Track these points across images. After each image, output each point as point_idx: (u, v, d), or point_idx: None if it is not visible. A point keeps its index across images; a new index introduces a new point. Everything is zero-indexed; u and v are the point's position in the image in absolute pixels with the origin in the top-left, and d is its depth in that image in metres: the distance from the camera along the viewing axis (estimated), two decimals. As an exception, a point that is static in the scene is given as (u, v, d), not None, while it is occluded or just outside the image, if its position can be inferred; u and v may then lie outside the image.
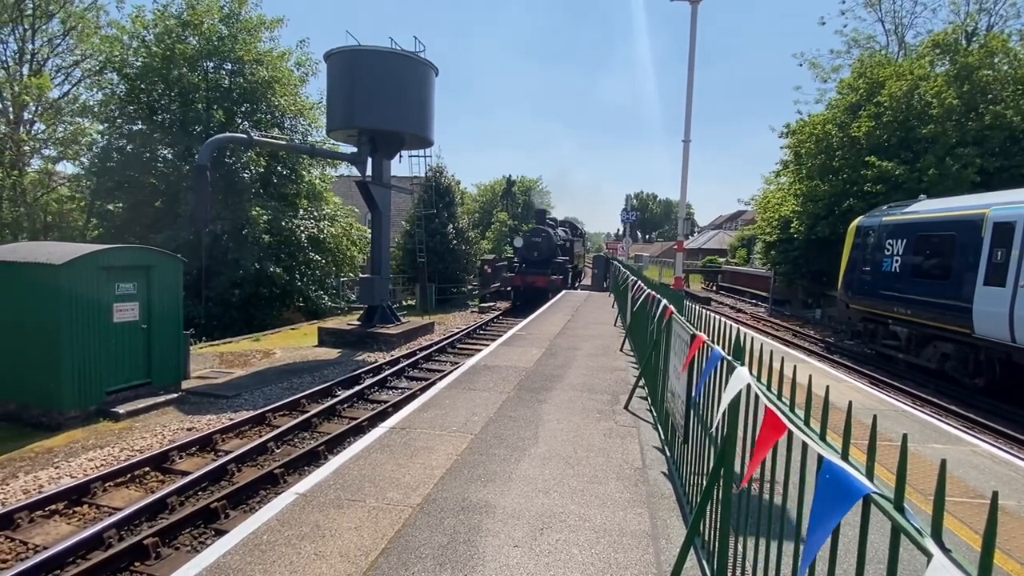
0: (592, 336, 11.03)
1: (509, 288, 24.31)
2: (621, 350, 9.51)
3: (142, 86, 20.00)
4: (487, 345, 10.69)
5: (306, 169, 22.96)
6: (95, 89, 22.33)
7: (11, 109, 22.83)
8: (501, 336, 11.01)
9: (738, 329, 2.86)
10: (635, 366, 8.21)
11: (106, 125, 21.27)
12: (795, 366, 2.22)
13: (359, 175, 15.81)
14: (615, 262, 22.02)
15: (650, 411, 6.02)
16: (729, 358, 2.75)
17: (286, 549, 3.21)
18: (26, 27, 23.34)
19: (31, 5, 22.99)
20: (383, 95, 14.77)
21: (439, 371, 11.80)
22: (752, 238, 37.07)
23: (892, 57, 24.44)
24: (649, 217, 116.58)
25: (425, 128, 16.26)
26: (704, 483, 3.17)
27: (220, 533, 5.18)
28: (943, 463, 1.17)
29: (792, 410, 2.00)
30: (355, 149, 15.91)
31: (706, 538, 3.02)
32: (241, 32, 20.64)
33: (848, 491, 1.36)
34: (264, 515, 3.60)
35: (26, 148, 23.02)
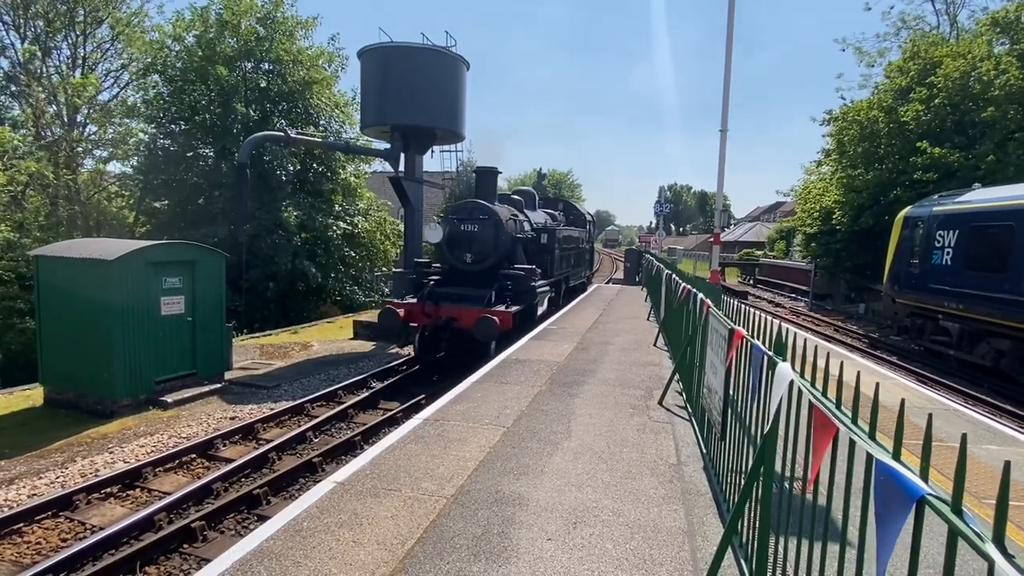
0: (625, 330, 10.91)
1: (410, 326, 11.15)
2: (655, 345, 9.37)
3: (183, 87, 20.73)
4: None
5: (341, 166, 23.40)
6: (140, 91, 23.26)
7: (65, 112, 24.01)
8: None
9: (779, 324, 2.77)
10: (669, 361, 8.09)
11: (151, 125, 22.14)
12: (842, 363, 2.14)
13: (391, 171, 16.02)
14: (648, 255, 21.65)
15: (685, 407, 5.93)
16: (770, 353, 2.67)
17: (325, 536, 3.29)
18: (78, 33, 24.45)
19: (82, 12, 24.05)
20: (415, 91, 14.90)
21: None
22: (791, 230, 35.92)
23: (945, 37, 23.17)
24: (683, 209, 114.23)
25: (456, 123, 16.34)
26: (742, 481, 3.10)
27: (262, 518, 5.36)
28: (1007, 465, 1.11)
29: (839, 407, 1.92)
30: (388, 145, 16.11)
31: (744, 538, 2.95)
32: (277, 32, 21.14)
33: (903, 492, 1.30)
34: (304, 502, 3.70)
35: (79, 149, 24.18)
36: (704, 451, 4.61)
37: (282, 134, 15.89)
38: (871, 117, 19.56)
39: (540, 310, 11.72)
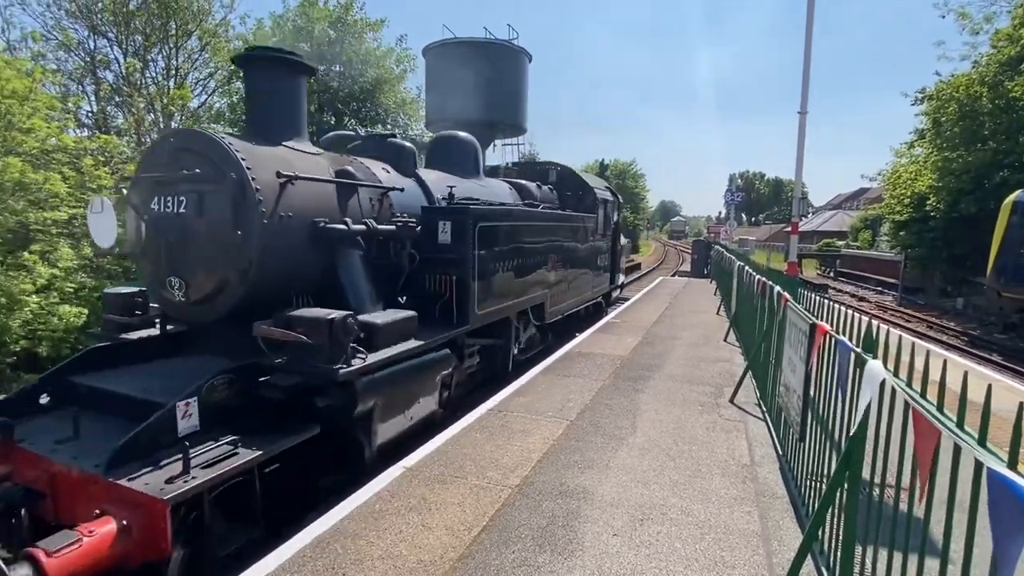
0: (692, 325, 10.55)
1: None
2: (725, 340, 9.00)
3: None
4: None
5: (406, 162, 24.07)
6: (225, 97, 24.94)
7: (161, 120, 26.20)
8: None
9: (870, 320, 2.57)
10: (741, 357, 7.75)
11: (235, 129, 23.75)
12: (945, 362, 1.96)
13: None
14: (717, 246, 20.76)
15: (759, 405, 5.66)
16: (858, 351, 2.48)
17: (396, 519, 3.42)
18: (171, 46, 26.56)
19: (174, 26, 26.10)
20: (476, 85, 15.02)
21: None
22: (878, 218, 33.33)
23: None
24: (755, 198, 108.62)
25: (518, 115, 16.32)
26: (824, 486, 2.92)
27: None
28: None
29: (940, 410, 1.76)
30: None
31: (826, 546, 2.78)
32: (347, 35, 22.01)
33: (1021, 506, 1.17)
34: (376, 486, 3.85)
35: (174, 153, 26.33)
36: (780, 452, 4.38)
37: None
38: (972, 93, 17.70)
39: (382, 440, 4.32)
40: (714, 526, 3.40)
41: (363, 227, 4.94)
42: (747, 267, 8.26)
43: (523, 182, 9.47)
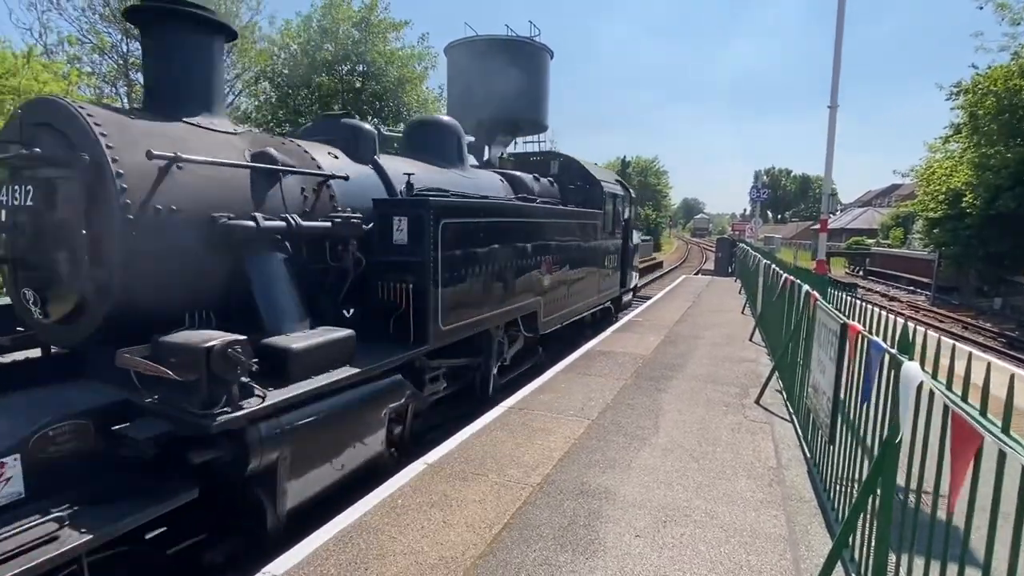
0: (716, 324, 10.38)
1: None
2: (750, 340, 8.83)
3: (288, 92, 22.43)
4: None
5: (428, 160, 24.24)
6: (252, 98, 25.43)
7: (191, 120, 26.84)
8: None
9: (905, 320, 2.48)
10: (767, 357, 7.59)
11: (261, 129, 24.22)
12: (989, 364, 1.88)
13: (477, 163, 16.30)
14: (742, 244, 20.39)
15: (786, 406, 5.53)
16: (893, 351, 2.40)
17: (417, 514, 3.43)
18: (200, 48, 27.20)
19: (204, 28, 26.73)
20: (498, 83, 14.97)
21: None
22: (910, 215, 32.32)
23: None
24: (781, 195, 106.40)
25: (539, 113, 16.24)
26: (855, 490, 2.84)
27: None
28: None
29: (984, 414, 1.69)
30: (472, 138, 16.41)
31: (857, 552, 2.70)
32: (371, 35, 22.24)
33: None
34: (398, 481, 3.88)
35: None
36: (808, 455, 4.28)
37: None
38: (1012, 86, 17.02)
39: (295, 502, 3.40)
40: (739, 529, 3.33)
41: (282, 224, 3.93)
42: (774, 265, 8.08)
43: (517, 174, 8.48)
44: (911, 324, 2.40)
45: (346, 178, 4.82)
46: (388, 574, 2.85)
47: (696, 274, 26.08)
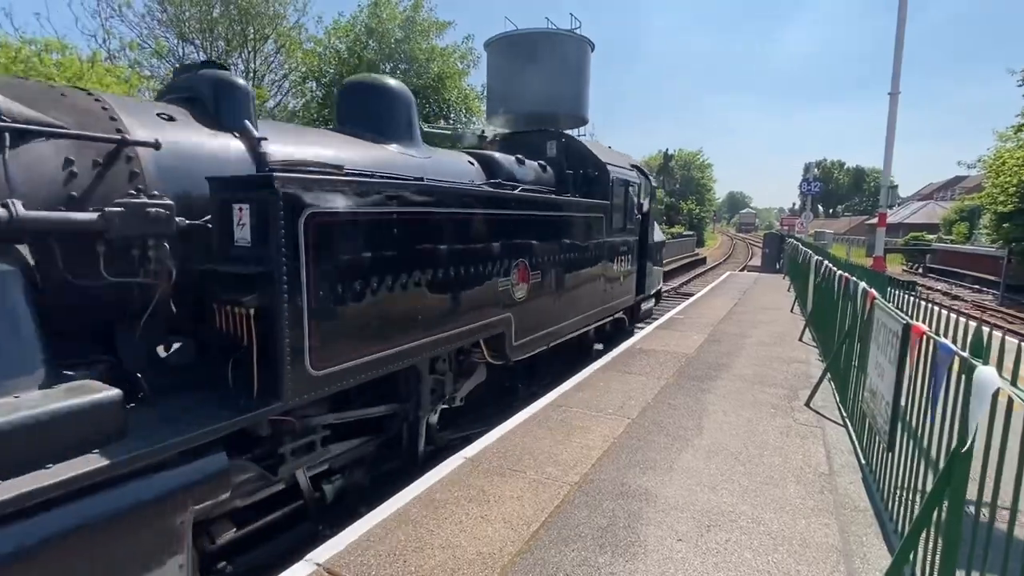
0: (763, 322, 10.01)
1: None
2: (800, 339, 8.48)
3: (332, 90, 23.01)
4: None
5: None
6: (299, 97, 26.21)
7: (241, 120, 27.92)
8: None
9: (979, 321, 2.30)
10: (818, 358, 7.27)
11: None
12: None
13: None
14: (792, 240, 19.59)
15: (838, 410, 5.27)
16: (964, 355, 2.22)
17: (455, 508, 3.44)
18: (249, 50, 28.19)
19: (252, 31, 27.66)
20: (538, 78, 14.87)
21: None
22: (976, 209, 30.31)
23: None
24: (833, 189, 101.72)
25: (579, 107, 16.05)
26: (916, 501, 2.66)
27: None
28: None
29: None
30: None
31: (920, 569, 2.53)
32: (415, 35, 22.55)
33: None
34: (437, 474, 3.90)
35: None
36: (863, 461, 4.06)
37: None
38: (1100, 66, 15.65)
39: None
40: (788, 537, 3.19)
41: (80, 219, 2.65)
42: (826, 262, 7.71)
43: (494, 154, 6.70)
44: (989, 329, 2.22)
45: (156, 145, 3.11)
46: (426, 567, 2.87)
47: (742, 270, 25.28)
